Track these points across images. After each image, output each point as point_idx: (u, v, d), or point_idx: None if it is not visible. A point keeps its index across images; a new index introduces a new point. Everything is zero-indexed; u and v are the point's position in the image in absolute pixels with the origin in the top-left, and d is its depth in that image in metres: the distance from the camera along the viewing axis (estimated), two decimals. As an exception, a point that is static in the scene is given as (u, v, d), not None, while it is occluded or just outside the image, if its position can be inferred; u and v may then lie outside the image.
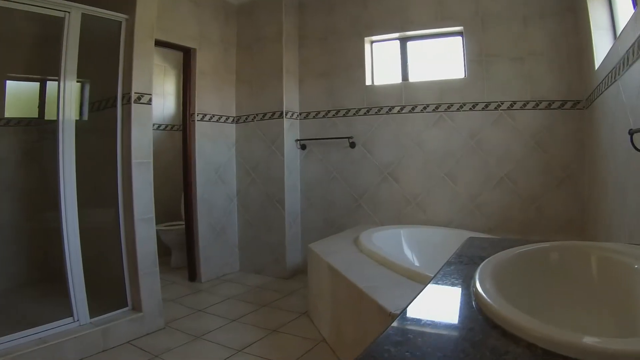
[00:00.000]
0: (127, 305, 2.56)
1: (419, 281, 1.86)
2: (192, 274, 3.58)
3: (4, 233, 3.07)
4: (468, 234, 2.80)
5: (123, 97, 2.58)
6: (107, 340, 2.32)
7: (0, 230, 3.06)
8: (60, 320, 2.24)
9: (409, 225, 3.14)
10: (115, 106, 2.57)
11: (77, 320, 2.29)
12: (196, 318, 2.78)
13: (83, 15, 2.28)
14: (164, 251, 4.37)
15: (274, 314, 2.81)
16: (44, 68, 3.24)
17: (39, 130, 3.28)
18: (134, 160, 2.55)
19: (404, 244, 2.98)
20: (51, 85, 3.30)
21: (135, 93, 2.55)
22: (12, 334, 2.03)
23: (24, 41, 3.11)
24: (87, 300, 2.34)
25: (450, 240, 2.85)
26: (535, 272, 0.89)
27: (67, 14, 2.23)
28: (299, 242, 3.79)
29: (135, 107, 2.55)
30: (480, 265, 0.81)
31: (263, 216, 3.76)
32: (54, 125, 3.23)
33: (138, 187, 2.57)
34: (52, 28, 2.44)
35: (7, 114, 3.27)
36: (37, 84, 3.49)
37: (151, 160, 2.65)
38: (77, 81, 2.83)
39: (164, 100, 4.70)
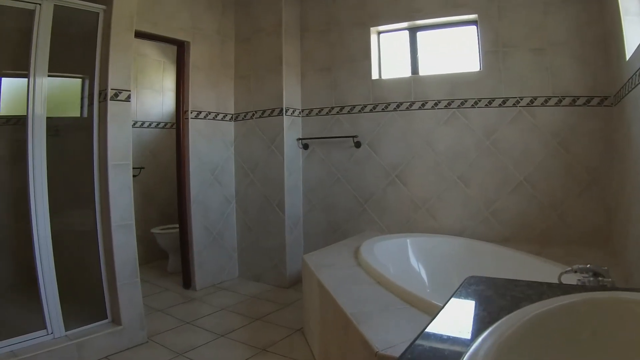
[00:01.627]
0: (106, 318, 2.46)
1: (421, 308, 1.66)
2: (187, 281, 3.48)
3: None
4: (481, 245, 2.65)
5: (100, 94, 2.48)
6: (83, 355, 2.23)
7: None
8: (33, 333, 2.15)
9: (416, 233, 2.98)
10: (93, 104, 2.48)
11: (51, 333, 2.20)
12: (182, 331, 2.67)
13: (57, 7, 2.18)
14: (161, 255, 4.35)
15: (267, 329, 2.67)
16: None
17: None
18: (110, 162, 2.46)
19: (410, 254, 2.82)
20: (50, 82, 3.26)
21: (112, 89, 2.45)
22: (-21, 346, 1.94)
23: (14, 37, 3.07)
24: (65, 311, 2.25)
25: (462, 250, 2.71)
26: (559, 344, 0.63)
27: (38, 6, 2.14)
28: (301, 248, 3.66)
29: (112, 105, 2.45)
30: (478, 348, 0.55)
31: (262, 220, 3.63)
32: (49, 122, 3.22)
33: (115, 191, 2.48)
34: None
35: (2, 112, 3.23)
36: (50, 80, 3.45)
37: (130, 162, 2.57)
38: (77, 77, 2.79)
39: (162, 96, 4.62)
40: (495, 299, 0.80)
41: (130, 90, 2.55)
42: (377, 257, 2.38)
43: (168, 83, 4.49)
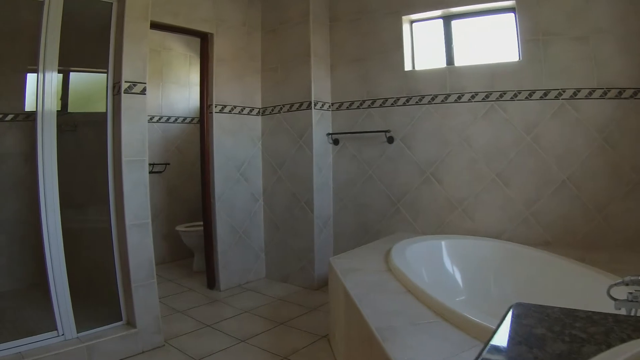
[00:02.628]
0: (120, 320, 2.60)
1: (455, 323, 1.62)
2: (211, 281, 3.74)
3: (12, 231, 3.33)
4: (521, 249, 2.69)
5: (114, 87, 2.61)
6: (94, 359, 2.34)
7: (8, 228, 3.32)
8: (43, 334, 2.27)
9: (451, 235, 3.06)
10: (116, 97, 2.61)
11: (62, 335, 2.33)
12: (202, 335, 2.84)
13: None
14: (188, 253, 4.66)
15: (291, 335, 2.81)
16: (66, 59, 3.52)
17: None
18: (124, 158, 2.56)
19: (445, 258, 2.90)
20: (74, 77, 3.59)
21: (125, 82, 2.55)
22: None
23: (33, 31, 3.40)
24: (78, 312, 2.36)
25: (501, 255, 2.77)
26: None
27: (47, -3, 2.24)
28: (330, 248, 3.85)
29: (126, 98, 2.55)
30: None
31: (290, 219, 3.84)
32: (68, 118, 3.51)
33: (129, 188, 2.58)
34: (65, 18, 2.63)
35: (27, 108, 3.60)
36: (59, 76, 3.81)
37: (145, 158, 2.69)
38: (97, 71, 2.97)
39: (189, 91, 4.94)
40: (549, 341, 0.68)
41: (145, 83, 2.66)
42: (409, 261, 2.40)
43: (194, 77, 4.78)
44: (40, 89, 2.29)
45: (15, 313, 2.83)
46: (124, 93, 2.58)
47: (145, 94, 2.69)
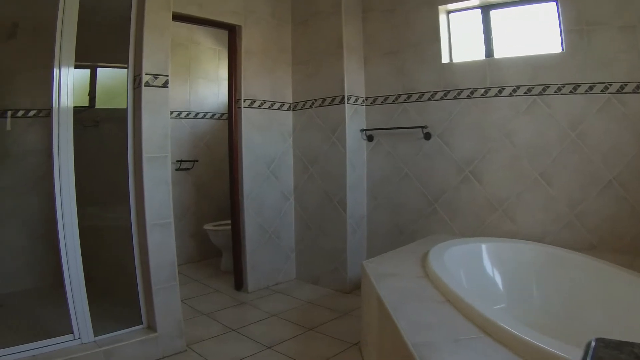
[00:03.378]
0: (141, 323, 2.69)
1: (501, 340, 1.57)
2: (238, 282, 3.93)
3: (35, 228, 3.56)
4: (567, 254, 2.70)
5: (134, 80, 2.68)
6: None
7: (31, 225, 3.57)
8: (58, 337, 2.34)
9: (492, 238, 3.11)
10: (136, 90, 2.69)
11: (79, 338, 2.40)
12: (226, 340, 2.93)
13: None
14: (216, 252, 4.88)
15: (320, 342, 2.88)
16: (92, 54, 3.78)
17: (76, 120, 3.83)
18: (144, 155, 2.62)
19: (485, 263, 2.95)
20: (102, 72, 3.87)
21: (146, 74, 2.61)
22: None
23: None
24: (96, 314, 2.43)
25: (543, 260, 2.80)
26: None
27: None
28: (364, 249, 3.98)
29: (146, 91, 2.61)
30: None
31: (322, 218, 3.99)
32: (91, 113, 3.72)
33: (150, 186, 2.65)
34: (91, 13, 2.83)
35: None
36: (87, 71, 4.10)
37: (167, 155, 2.77)
38: (122, 66, 3.07)
39: (218, 86, 5.18)
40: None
41: (167, 75, 2.76)
42: (448, 265, 2.41)
43: (223, 72, 4.98)
44: (55, 85, 2.38)
45: (33, 313, 2.94)
46: (145, 86, 2.64)
47: (167, 87, 2.78)
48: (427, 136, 3.55)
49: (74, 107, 3.89)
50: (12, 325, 2.77)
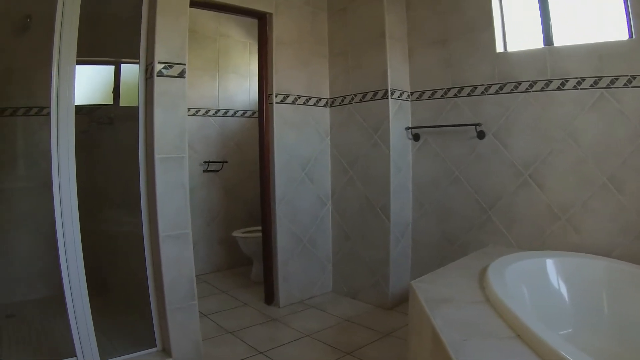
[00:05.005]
0: (155, 346, 2.71)
1: None
2: (269, 295, 4.02)
3: (50, 234, 3.76)
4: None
5: (146, 70, 2.66)
6: None
7: (45, 230, 3.76)
8: None
9: (557, 252, 3.04)
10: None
11: None
12: None
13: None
14: (248, 259, 5.00)
15: None
16: (118, 50, 3.96)
17: (92, 118, 3.98)
18: (157, 155, 2.58)
19: (550, 281, 2.89)
20: (126, 69, 4.08)
21: (159, 63, 2.57)
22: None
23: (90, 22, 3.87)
24: (105, 335, 2.47)
25: (615, 278, 2.71)
26: None
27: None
28: (408, 261, 4.02)
29: (159, 82, 2.57)
30: None
31: (362, 226, 4.05)
32: (105, 110, 3.88)
33: (163, 191, 2.62)
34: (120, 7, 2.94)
35: (76, 101, 4.11)
36: (111, 68, 4.31)
37: (184, 155, 2.73)
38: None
39: (249, 82, 5.35)
40: None
41: (184, 64, 2.72)
42: (510, 287, 2.32)
43: (255, 67, 5.12)
44: (54, 83, 2.41)
45: (42, 327, 3.03)
46: (157, 76, 2.60)
47: (184, 77, 2.74)
48: (481, 135, 3.55)
49: (97, 105, 4.15)
50: (19, 339, 2.84)
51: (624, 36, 2.97)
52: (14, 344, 2.78)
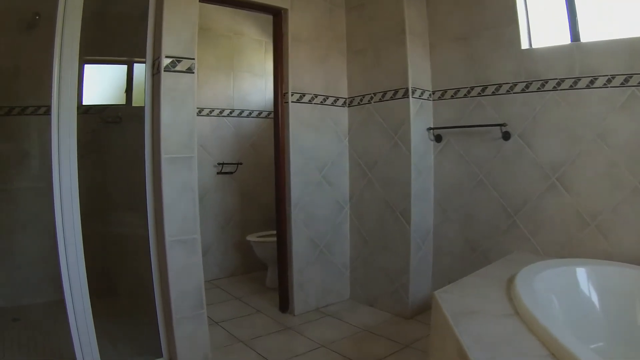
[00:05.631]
0: (161, 356, 2.73)
1: None
2: (284, 303, 4.07)
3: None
4: None
5: (153, 65, 2.67)
6: None
7: (52, 232, 3.87)
8: None
9: (588, 260, 2.98)
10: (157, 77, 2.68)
11: None
12: None
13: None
14: (261, 265, 5.06)
15: None
16: (131, 49, 4.04)
17: (101, 117, 4.08)
18: (163, 155, 2.57)
19: (582, 290, 2.84)
20: (139, 68, 4.15)
21: (166, 57, 2.56)
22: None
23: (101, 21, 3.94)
24: (109, 343, 2.49)
25: None
26: None
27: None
28: (429, 269, 4.03)
29: (166, 78, 2.56)
30: None
31: (381, 231, 4.07)
32: (113, 110, 3.95)
33: (171, 193, 2.61)
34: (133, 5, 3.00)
35: (86, 101, 4.22)
36: (123, 67, 4.41)
37: (193, 155, 2.73)
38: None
39: (265, 82, 5.43)
40: None
41: (193, 59, 2.72)
42: (540, 298, 2.28)
43: (270, 66, 5.19)
44: (55, 82, 2.43)
45: (46, 331, 3.06)
46: (165, 71, 2.59)
47: (193, 73, 2.72)
48: (506, 136, 3.54)
49: (110, 105, 4.24)
50: (22, 343, 2.88)
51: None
52: (17, 348, 2.81)
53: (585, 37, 3.29)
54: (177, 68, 2.69)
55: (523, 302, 2.17)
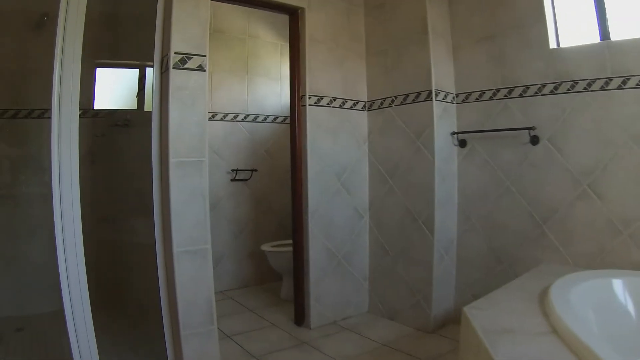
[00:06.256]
0: None
1: None
2: (300, 315, 4.07)
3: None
4: None
5: (161, 62, 2.65)
6: None
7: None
8: None
9: (625, 271, 2.95)
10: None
11: None
12: None
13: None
14: (275, 275, 5.10)
15: None
16: (143, 52, 4.11)
17: (110, 121, 4.14)
18: (171, 159, 2.54)
19: (620, 303, 2.76)
20: (152, 72, 4.23)
21: (176, 54, 2.54)
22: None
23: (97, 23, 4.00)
24: (116, 353, 2.49)
25: None
26: None
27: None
28: (452, 280, 4.03)
29: (175, 75, 2.53)
30: None
31: (402, 241, 4.08)
32: (121, 113, 4.00)
33: (179, 199, 2.57)
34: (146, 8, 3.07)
35: (98, 106, 4.29)
36: (135, 71, 4.48)
37: (204, 159, 2.70)
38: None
39: (280, 86, 5.50)
40: None
41: (205, 56, 2.70)
42: (578, 313, 2.22)
43: (286, 69, 5.24)
44: (56, 85, 2.44)
45: (47, 344, 3.06)
46: (174, 69, 2.56)
47: (204, 70, 2.69)
48: (534, 140, 3.54)
49: (121, 110, 4.31)
50: (25, 354, 2.88)
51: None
52: (19, 359, 2.81)
53: (614, 35, 3.28)
54: (187, 65, 2.67)
55: (562, 319, 2.10)
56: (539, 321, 2.22)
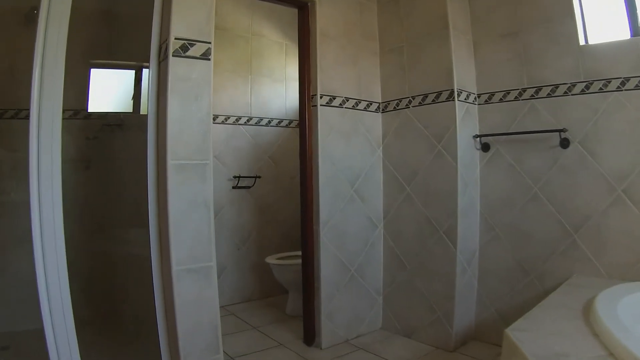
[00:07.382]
0: None
1: None
2: (309, 334, 4.06)
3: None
4: None
5: (159, 50, 2.52)
6: None
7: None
8: None
9: None
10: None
11: None
12: None
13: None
14: (280, 289, 5.14)
15: None
16: (139, 53, 4.16)
17: (104, 123, 4.19)
18: (170, 162, 2.41)
19: None
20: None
21: (176, 39, 2.40)
22: None
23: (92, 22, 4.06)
24: None
25: None
26: None
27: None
28: (474, 293, 4.06)
29: (175, 64, 2.39)
30: None
31: (421, 253, 4.10)
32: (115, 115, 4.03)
33: (179, 208, 2.45)
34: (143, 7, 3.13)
35: (91, 108, 4.33)
36: (131, 72, 4.53)
37: (208, 162, 2.59)
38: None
39: (285, 87, 5.54)
40: None
41: (210, 43, 2.58)
42: (634, 332, 2.15)
43: (292, 70, 5.30)
44: (36, 86, 2.36)
45: None
46: (173, 56, 2.42)
47: (209, 59, 2.58)
48: (564, 143, 3.56)
49: (115, 112, 4.37)
50: None
51: None
52: None
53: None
54: (190, 53, 2.53)
55: (618, 340, 2.03)
56: (591, 343, 2.17)
